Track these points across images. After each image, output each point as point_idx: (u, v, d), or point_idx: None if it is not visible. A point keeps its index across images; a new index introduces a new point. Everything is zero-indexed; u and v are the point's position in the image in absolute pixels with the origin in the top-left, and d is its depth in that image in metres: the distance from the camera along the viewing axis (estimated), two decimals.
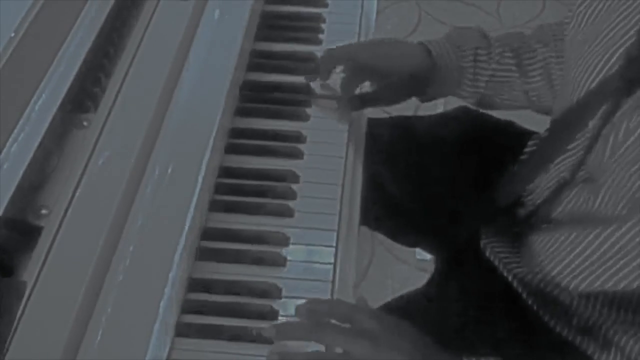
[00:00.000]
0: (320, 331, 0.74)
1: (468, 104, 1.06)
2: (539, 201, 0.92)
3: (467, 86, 1.01)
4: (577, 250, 0.83)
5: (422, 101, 1.06)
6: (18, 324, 0.61)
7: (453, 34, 1.03)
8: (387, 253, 1.75)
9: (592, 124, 0.83)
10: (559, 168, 0.89)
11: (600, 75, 0.82)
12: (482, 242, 0.98)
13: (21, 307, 0.62)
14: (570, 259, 0.84)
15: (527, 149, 0.99)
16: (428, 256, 1.70)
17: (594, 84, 0.83)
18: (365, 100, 1.02)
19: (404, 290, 1.09)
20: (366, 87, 1.05)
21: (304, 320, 0.76)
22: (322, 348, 0.76)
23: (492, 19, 2.33)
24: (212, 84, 0.87)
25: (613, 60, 0.81)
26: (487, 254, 0.98)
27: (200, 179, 0.77)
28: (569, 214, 0.86)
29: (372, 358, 0.72)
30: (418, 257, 1.72)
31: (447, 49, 1.00)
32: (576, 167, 0.86)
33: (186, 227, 0.74)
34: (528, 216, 0.93)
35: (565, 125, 0.88)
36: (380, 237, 1.74)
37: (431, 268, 1.16)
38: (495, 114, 1.14)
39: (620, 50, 0.81)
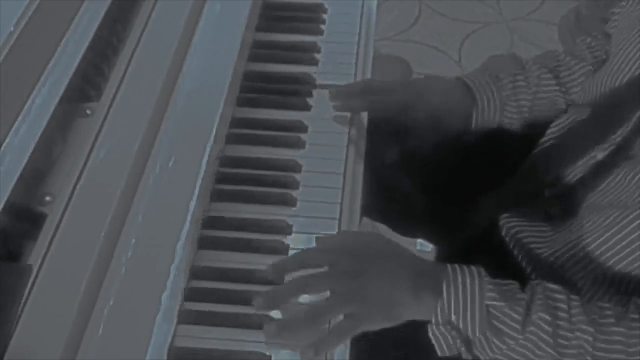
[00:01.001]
0: (302, 285, 0.78)
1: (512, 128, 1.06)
2: (572, 182, 0.91)
3: (510, 113, 1.02)
4: (604, 229, 0.83)
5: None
6: (24, 307, 0.61)
7: (489, 64, 1.06)
8: None
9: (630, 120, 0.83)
10: (596, 150, 0.89)
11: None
12: (502, 226, 0.98)
13: (27, 291, 0.62)
14: (597, 239, 0.84)
15: (553, 131, 0.98)
16: (429, 248, 1.70)
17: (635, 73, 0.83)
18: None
19: None
20: None
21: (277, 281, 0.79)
22: None
23: (492, 12, 2.33)
24: (215, 74, 0.88)
25: None
26: (506, 236, 0.97)
27: (203, 168, 0.78)
28: (608, 195, 0.86)
29: (358, 287, 0.76)
30: (419, 247, 1.72)
31: (486, 81, 1.01)
32: (616, 150, 0.86)
33: (189, 215, 0.74)
34: (557, 198, 0.93)
35: (609, 111, 0.88)
36: (381, 228, 1.74)
37: (431, 258, 1.17)
38: None
39: None
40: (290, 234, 0.87)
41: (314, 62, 1.07)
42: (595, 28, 1.07)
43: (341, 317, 0.77)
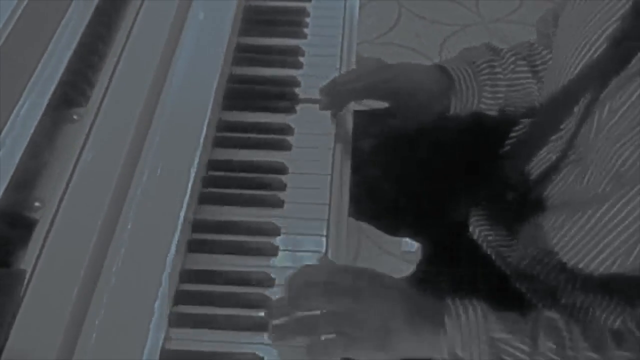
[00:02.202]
0: (302, 304, 0.76)
1: (489, 114, 1.07)
2: (529, 184, 0.93)
3: (487, 99, 1.03)
4: (565, 230, 0.85)
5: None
6: (18, 312, 0.61)
7: (465, 53, 1.07)
8: (373, 245, 1.77)
9: (578, 106, 0.85)
10: (548, 150, 0.91)
11: (586, 58, 0.84)
12: (472, 227, 1.00)
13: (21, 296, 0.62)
14: (560, 240, 0.86)
15: (514, 134, 1.00)
16: (413, 248, 1.72)
17: (580, 67, 0.85)
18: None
19: None
20: None
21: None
22: None
23: (471, 14, 2.35)
24: (202, 77, 0.88)
25: (598, 43, 0.83)
26: (476, 237, 0.99)
27: (192, 172, 0.78)
28: (558, 196, 0.88)
29: (355, 308, 0.74)
30: (403, 248, 1.73)
31: (463, 67, 1.03)
32: (565, 148, 0.87)
33: (180, 219, 0.75)
34: (519, 199, 0.95)
35: (555, 108, 0.90)
36: (366, 230, 1.75)
37: (417, 258, 1.18)
38: None
39: (606, 33, 0.83)
40: (279, 235, 0.88)
41: (299, 66, 1.08)
42: None
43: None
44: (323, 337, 0.75)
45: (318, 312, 0.76)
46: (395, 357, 0.74)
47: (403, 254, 1.73)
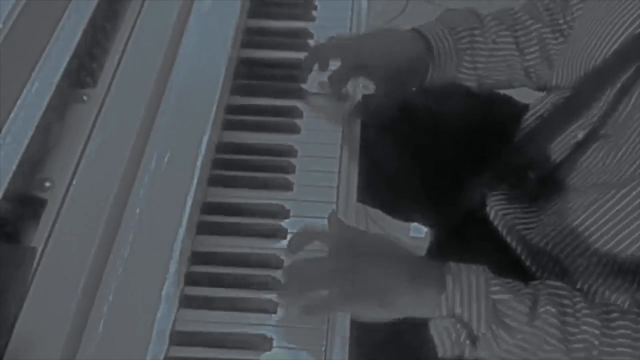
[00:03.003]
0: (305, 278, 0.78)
1: (469, 86, 1.05)
2: (553, 164, 0.92)
3: (466, 68, 1.01)
4: (593, 210, 0.84)
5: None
6: (29, 289, 0.61)
7: (445, 16, 1.03)
8: (380, 231, 1.76)
9: (615, 85, 0.83)
10: (575, 129, 0.90)
11: (625, 36, 0.83)
12: (489, 207, 0.98)
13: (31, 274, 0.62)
14: (586, 220, 0.85)
15: (532, 113, 0.99)
16: (422, 233, 1.71)
17: (617, 44, 0.84)
18: (368, 103, 1.02)
19: None
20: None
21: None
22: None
23: None
24: (210, 59, 0.88)
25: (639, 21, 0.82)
26: (493, 218, 0.98)
27: (202, 153, 0.78)
28: (585, 175, 0.87)
29: (359, 266, 0.75)
30: (412, 234, 1.73)
31: (442, 32, 0.99)
32: (597, 127, 0.86)
33: (189, 201, 0.75)
34: (542, 179, 0.93)
35: (589, 87, 0.87)
36: (374, 215, 1.75)
37: (425, 244, 1.17)
38: None
39: None
40: (288, 217, 0.88)
41: (307, 48, 1.07)
42: None
43: None
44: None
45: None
46: (396, 315, 0.75)
47: (411, 239, 1.73)
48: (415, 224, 1.63)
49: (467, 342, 0.73)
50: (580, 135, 0.89)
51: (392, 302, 0.74)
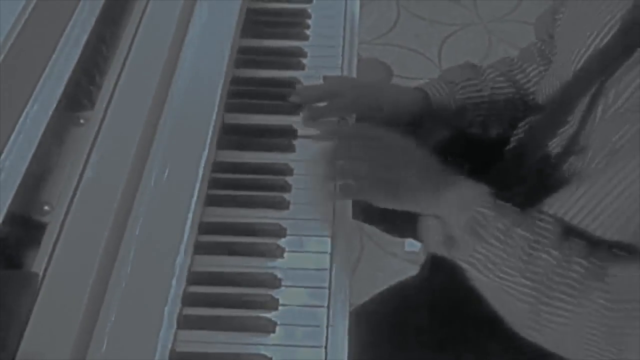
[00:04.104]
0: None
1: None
2: (535, 178, 0.94)
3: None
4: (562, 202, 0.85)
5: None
6: (31, 314, 0.61)
7: (445, 74, 1.09)
8: (376, 247, 1.77)
9: (585, 97, 0.86)
10: (555, 144, 0.92)
11: (591, 50, 0.86)
12: None
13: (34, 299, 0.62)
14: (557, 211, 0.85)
15: (518, 132, 1.01)
16: (417, 248, 1.72)
17: (584, 59, 0.86)
18: None
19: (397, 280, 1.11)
20: None
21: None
22: None
23: (469, 13, 2.35)
24: (207, 80, 0.89)
25: (602, 34, 0.85)
26: None
27: (200, 173, 0.78)
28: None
29: (378, 158, 0.84)
30: (407, 249, 1.74)
31: (440, 86, 1.06)
32: (572, 139, 0.88)
33: (188, 221, 0.75)
34: (526, 192, 0.95)
35: (562, 101, 0.91)
36: (369, 231, 1.75)
37: (420, 259, 1.18)
38: None
39: (610, 24, 0.84)
40: (284, 236, 0.88)
41: (301, 67, 1.08)
42: None
43: None
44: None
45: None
46: (402, 207, 0.83)
47: (406, 254, 1.73)
48: (411, 239, 1.64)
49: (445, 242, 0.81)
50: (558, 149, 0.91)
51: (400, 196, 0.83)
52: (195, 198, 0.78)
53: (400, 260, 1.74)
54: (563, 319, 0.76)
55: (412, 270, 1.18)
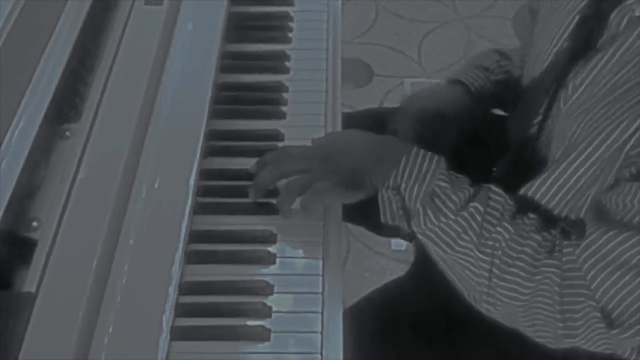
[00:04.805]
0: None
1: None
2: (511, 177, 0.95)
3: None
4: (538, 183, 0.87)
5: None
6: (25, 336, 0.60)
7: (471, 60, 1.11)
8: (362, 247, 1.77)
9: (548, 93, 0.88)
10: (526, 140, 0.94)
11: (557, 47, 0.88)
12: None
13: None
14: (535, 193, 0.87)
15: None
16: (403, 246, 1.72)
17: (551, 56, 0.89)
18: None
19: (386, 280, 1.11)
20: None
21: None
22: None
23: (448, 11, 2.36)
24: (195, 87, 0.88)
25: (567, 32, 0.87)
26: None
27: (192, 182, 0.78)
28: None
29: (329, 158, 0.86)
30: (393, 247, 1.74)
31: (475, 74, 1.07)
32: (539, 128, 0.91)
33: (183, 231, 0.74)
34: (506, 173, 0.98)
35: (530, 98, 0.94)
36: (355, 231, 1.75)
37: (406, 257, 1.18)
38: None
39: (574, 21, 0.86)
40: (275, 242, 0.88)
41: (285, 71, 1.08)
42: None
43: None
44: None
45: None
46: (367, 194, 0.85)
47: (393, 252, 1.73)
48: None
49: (402, 214, 0.84)
50: (532, 135, 0.93)
51: (361, 184, 0.85)
52: (189, 205, 0.77)
53: (387, 259, 1.74)
54: (515, 294, 0.79)
55: (400, 269, 1.18)
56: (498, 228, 0.80)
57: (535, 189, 0.84)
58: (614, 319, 0.75)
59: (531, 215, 0.82)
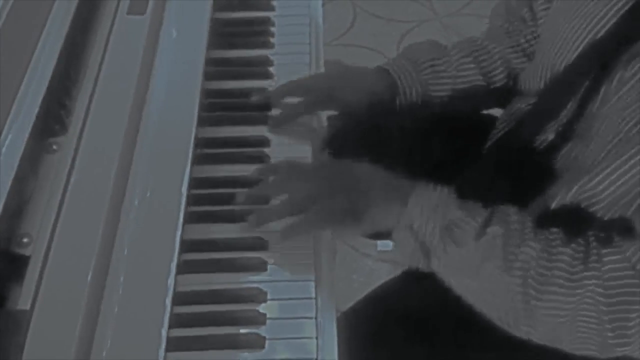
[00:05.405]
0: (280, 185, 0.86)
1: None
2: (524, 171, 0.94)
3: (432, 97, 1.04)
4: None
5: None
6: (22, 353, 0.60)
7: (407, 51, 1.07)
8: (349, 249, 1.77)
9: (583, 87, 0.86)
10: (543, 135, 0.92)
11: (588, 39, 0.86)
12: None
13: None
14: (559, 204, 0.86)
15: (502, 122, 1.01)
16: (389, 247, 1.72)
17: (581, 48, 0.86)
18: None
19: (376, 283, 1.11)
20: None
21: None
22: None
23: (426, 10, 2.37)
24: (182, 95, 0.87)
25: (603, 22, 0.85)
26: None
27: (184, 189, 0.77)
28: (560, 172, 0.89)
29: (330, 187, 0.83)
30: (380, 248, 1.74)
31: (404, 66, 1.04)
32: (567, 128, 0.89)
33: (177, 240, 0.74)
34: (513, 186, 0.96)
35: (558, 90, 0.90)
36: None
37: (393, 258, 1.17)
38: None
39: (613, 11, 0.84)
40: (266, 249, 0.87)
41: (269, 76, 1.07)
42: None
43: None
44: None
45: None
46: (368, 229, 0.82)
47: (380, 253, 1.74)
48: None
49: (420, 254, 0.80)
50: (551, 137, 0.91)
51: (364, 218, 0.82)
52: (182, 215, 0.76)
53: (375, 261, 1.74)
54: (557, 311, 0.76)
55: (387, 270, 1.18)
56: (522, 248, 0.77)
57: (580, 190, 0.81)
58: None
59: (553, 230, 0.79)
